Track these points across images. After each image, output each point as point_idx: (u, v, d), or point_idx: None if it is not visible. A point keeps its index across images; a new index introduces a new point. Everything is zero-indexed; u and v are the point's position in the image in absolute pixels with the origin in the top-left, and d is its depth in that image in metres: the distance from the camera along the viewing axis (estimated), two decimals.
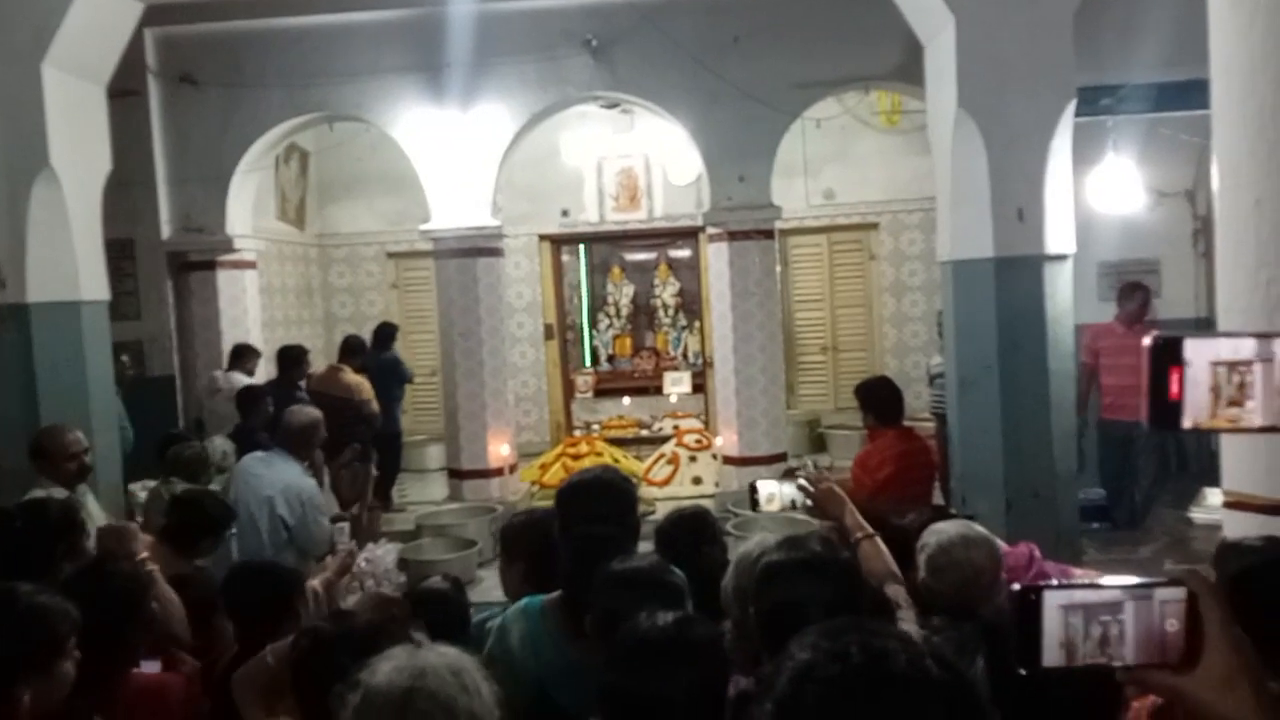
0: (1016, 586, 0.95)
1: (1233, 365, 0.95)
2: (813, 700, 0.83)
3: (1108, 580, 0.96)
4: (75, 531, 3.43)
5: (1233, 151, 2.77)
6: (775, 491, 2.94)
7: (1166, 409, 0.96)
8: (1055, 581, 0.96)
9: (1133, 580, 0.96)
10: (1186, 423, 0.96)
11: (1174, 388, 0.96)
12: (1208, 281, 6.97)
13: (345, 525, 4.55)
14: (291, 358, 7.17)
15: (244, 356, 7.38)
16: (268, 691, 2.37)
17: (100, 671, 2.27)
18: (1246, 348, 0.95)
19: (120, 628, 2.39)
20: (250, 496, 4.41)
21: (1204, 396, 0.96)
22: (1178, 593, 0.95)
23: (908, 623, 2.47)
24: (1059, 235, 4.89)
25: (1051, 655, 0.94)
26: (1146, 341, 0.97)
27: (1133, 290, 6.47)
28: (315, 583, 3.68)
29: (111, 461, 5.13)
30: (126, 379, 6.96)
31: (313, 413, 4.92)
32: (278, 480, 4.41)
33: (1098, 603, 0.94)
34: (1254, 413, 0.96)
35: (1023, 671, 0.96)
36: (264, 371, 7.64)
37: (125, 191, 7.13)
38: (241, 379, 7.06)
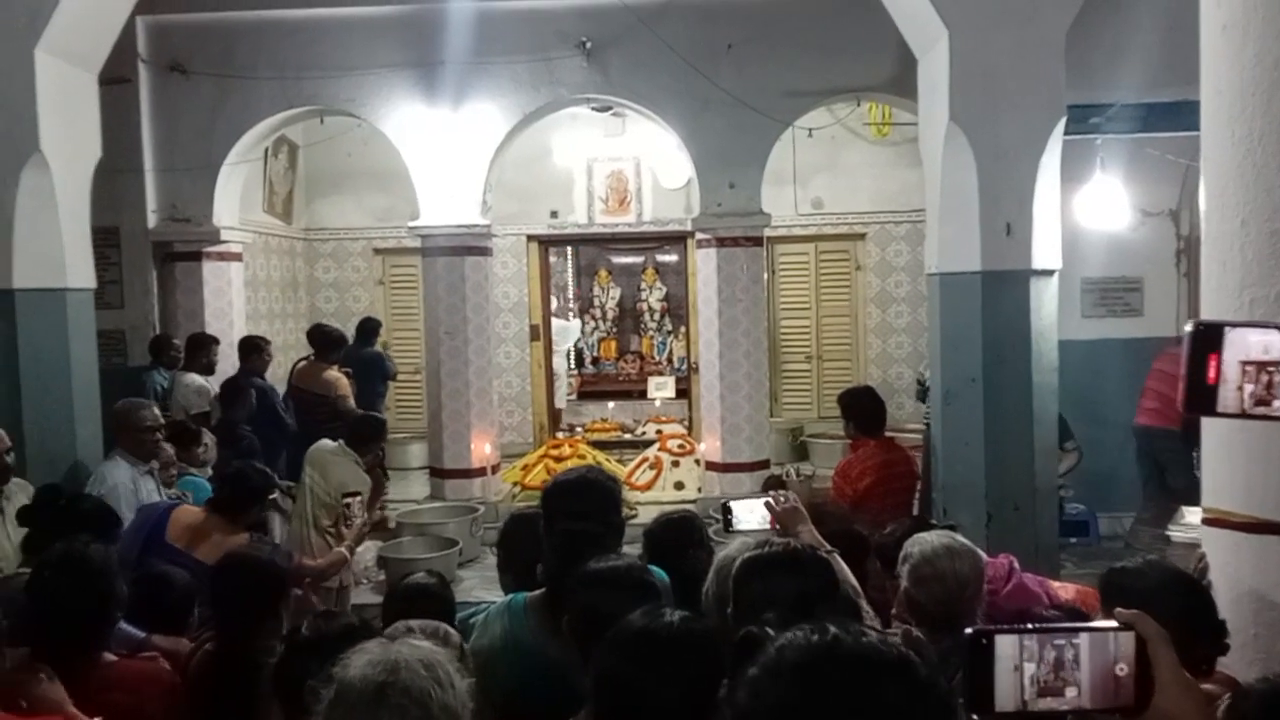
0: (969, 631, 0.95)
1: (1261, 365, 0.98)
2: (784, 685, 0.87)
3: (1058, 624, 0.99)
4: None
5: (1221, 172, 2.80)
6: (747, 512, 2.96)
7: (1203, 393, 0.99)
8: (1005, 625, 0.97)
9: (1082, 625, 0.98)
10: (1221, 410, 1.00)
11: (1211, 373, 0.98)
12: (1190, 301, 7.04)
13: (361, 497, 4.88)
14: (251, 346, 7.07)
15: (204, 347, 7.08)
16: None
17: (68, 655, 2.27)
18: (1276, 347, 0.98)
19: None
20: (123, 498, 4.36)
21: (1232, 394, 0.99)
22: (1127, 637, 0.96)
23: None
24: (1046, 251, 4.92)
25: (1005, 694, 0.94)
26: (1188, 328, 1.00)
27: None
28: (343, 549, 4.66)
29: (94, 451, 5.08)
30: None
31: (135, 403, 4.80)
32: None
33: (1052, 639, 0.95)
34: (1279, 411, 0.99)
35: (974, 717, 0.96)
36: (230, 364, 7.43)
37: (112, 179, 7.07)
38: (193, 379, 6.82)
